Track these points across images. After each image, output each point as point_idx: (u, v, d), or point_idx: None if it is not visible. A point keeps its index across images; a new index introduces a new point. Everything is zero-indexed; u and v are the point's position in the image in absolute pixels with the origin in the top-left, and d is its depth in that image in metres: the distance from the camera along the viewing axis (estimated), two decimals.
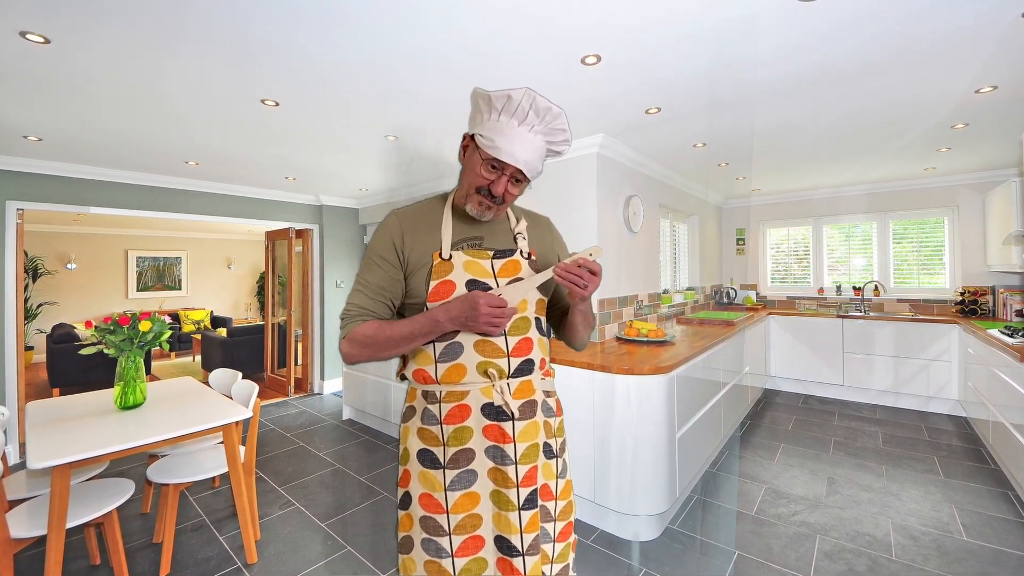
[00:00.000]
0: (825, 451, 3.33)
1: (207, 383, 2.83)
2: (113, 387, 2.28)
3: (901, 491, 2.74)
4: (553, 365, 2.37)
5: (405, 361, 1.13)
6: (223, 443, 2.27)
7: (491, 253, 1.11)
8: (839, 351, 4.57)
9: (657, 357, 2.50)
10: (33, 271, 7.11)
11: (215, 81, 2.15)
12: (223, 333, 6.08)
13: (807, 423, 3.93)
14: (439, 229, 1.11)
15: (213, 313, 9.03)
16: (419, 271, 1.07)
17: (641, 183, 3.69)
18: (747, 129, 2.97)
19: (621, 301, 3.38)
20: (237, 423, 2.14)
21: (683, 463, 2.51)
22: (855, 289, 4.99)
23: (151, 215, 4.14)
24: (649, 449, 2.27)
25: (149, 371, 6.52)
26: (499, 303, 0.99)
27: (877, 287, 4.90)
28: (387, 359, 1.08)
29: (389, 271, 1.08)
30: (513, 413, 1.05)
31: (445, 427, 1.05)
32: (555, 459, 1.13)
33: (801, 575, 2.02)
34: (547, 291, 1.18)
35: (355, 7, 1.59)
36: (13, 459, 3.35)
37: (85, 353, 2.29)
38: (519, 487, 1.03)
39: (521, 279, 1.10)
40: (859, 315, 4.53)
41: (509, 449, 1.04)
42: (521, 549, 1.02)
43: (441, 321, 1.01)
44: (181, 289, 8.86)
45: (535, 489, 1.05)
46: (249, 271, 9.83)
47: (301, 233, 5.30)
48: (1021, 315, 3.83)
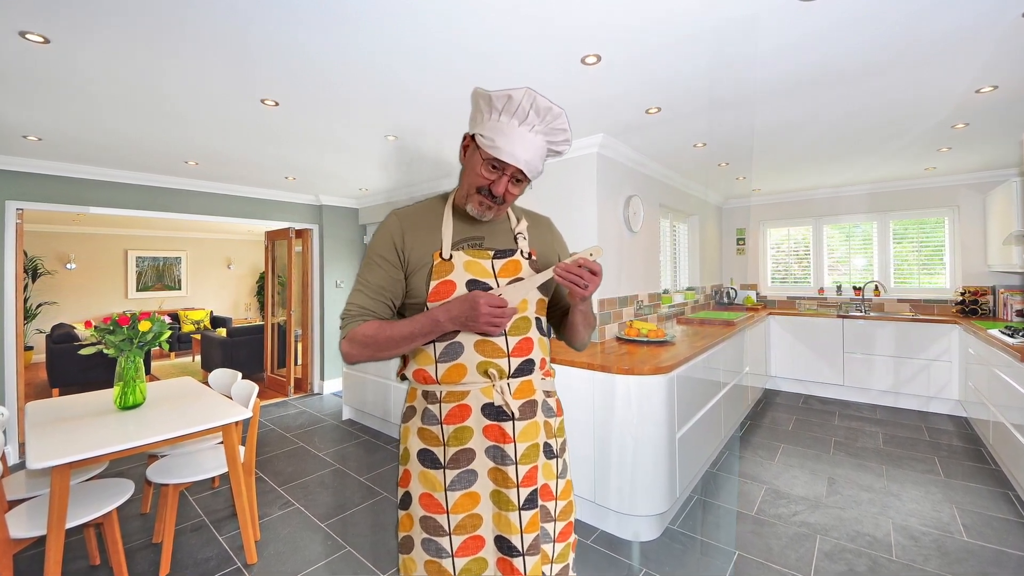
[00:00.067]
0: (825, 451, 3.33)
1: (207, 383, 2.83)
2: (113, 387, 2.28)
3: (901, 491, 2.74)
4: (553, 365, 2.38)
5: (405, 361, 1.13)
6: (223, 443, 2.27)
7: (491, 253, 1.11)
8: (839, 351, 4.57)
9: (657, 357, 2.50)
10: (33, 271, 7.11)
11: (215, 81, 2.15)
12: (223, 333, 6.08)
13: (807, 423, 3.93)
14: (439, 229, 1.11)
15: (213, 313, 9.02)
16: (419, 271, 1.07)
17: (641, 183, 3.69)
18: (747, 129, 2.97)
19: (621, 301, 3.38)
20: (237, 423, 2.14)
21: (683, 463, 2.51)
22: (855, 289, 4.99)
23: (151, 215, 4.14)
24: (649, 449, 2.27)
25: (149, 371, 6.52)
26: (499, 303, 0.99)
27: (877, 287, 4.89)
28: (387, 359, 1.08)
29: (389, 271, 1.08)
30: (513, 413, 1.05)
31: (445, 427, 1.05)
32: (555, 459, 1.13)
33: (801, 575, 2.02)
34: (547, 291, 1.18)
35: (355, 7, 1.59)
36: (13, 459, 3.35)
37: (85, 353, 2.29)
38: (519, 487, 1.03)
39: (521, 279, 1.10)
40: (859, 315, 4.53)
41: (509, 449, 1.04)
42: (521, 549, 1.01)
43: (441, 321, 1.01)
44: (181, 289, 8.86)
45: (535, 489, 1.05)
46: (249, 271, 9.83)
47: (301, 233, 5.30)
48: (1022, 315, 3.83)
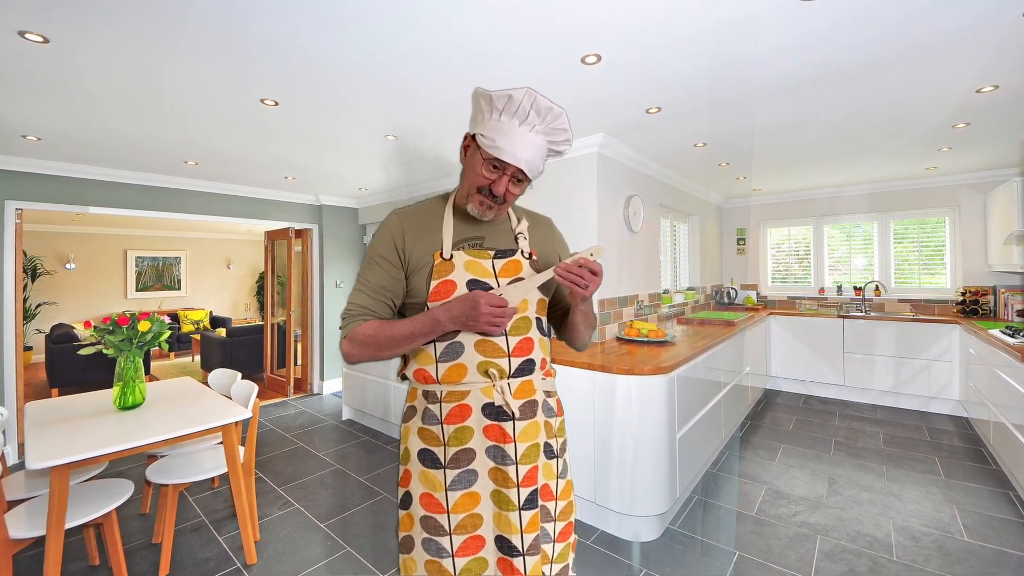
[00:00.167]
0: (826, 451, 3.33)
1: (206, 383, 2.82)
2: (112, 387, 2.27)
3: (902, 492, 2.73)
4: (554, 365, 2.37)
5: (406, 361, 1.13)
6: (222, 443, 2.26)
7: (492, 253, 1.11)
8: (840, 351, 4.57)
9: (658, 357, 2.49)
10: (32, 271, 7.10)
11: (215, 81, 2.15)
12: (222, 333, 6.07)
13: (808, 423, 3.93)
14: (440, 229, 1.10)
15: (212, 313, 9.02)
16: (420, 271, 1.07)
17: (641, 183, 3.69)
18: (747, 129, 2.97)
19: (621, 301, 3.38)
20: (236, 423, 2.13)
21: (684, 463, 2.51)
22: (856, 289, 4.99)
23: (150, 215, 4.13)
24: (650, 449, 2.27)
25: (148, 371, 6.52)
26: (500, 303, 0.99)
27: (878, 287, 4.89)
28: (388, 359, 1.08)
29: (390, 271, 1.08)
30: (514, 413, 1.05)
31: (446, 427, 1.05)
32: (556, 459, 1.13)
33: (802, 575, 2.02)
34: (548, 291, 1.18)
35: (355, 7, 1.59)
36: (12, 459, 3.34)
37: (84, 353, 2.29)
38: (519, 487, 1.03)
39: (522, 279, 1.10)
40: (860, 315, 4.53)
41: (510, 449, 1.04)
42: (521, 549, 1.01)
43: (442, 321, 1.00)
44: (180, 289, 8.85)
45: (535, 489, 1.05)
46: (248, 271, 9.83)
47: (301, 233, 5.29)
48: (1022, 315, 3.83)
